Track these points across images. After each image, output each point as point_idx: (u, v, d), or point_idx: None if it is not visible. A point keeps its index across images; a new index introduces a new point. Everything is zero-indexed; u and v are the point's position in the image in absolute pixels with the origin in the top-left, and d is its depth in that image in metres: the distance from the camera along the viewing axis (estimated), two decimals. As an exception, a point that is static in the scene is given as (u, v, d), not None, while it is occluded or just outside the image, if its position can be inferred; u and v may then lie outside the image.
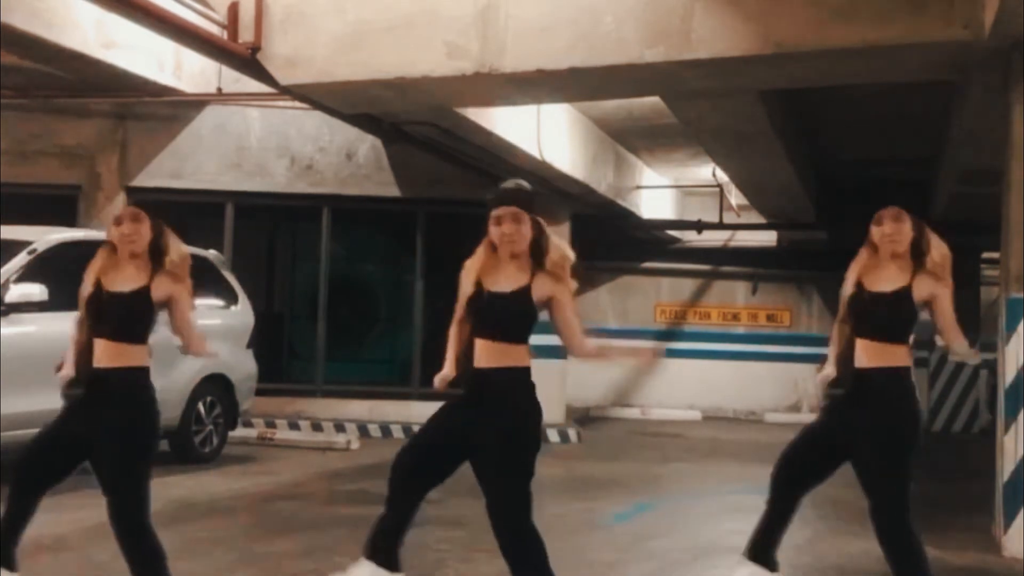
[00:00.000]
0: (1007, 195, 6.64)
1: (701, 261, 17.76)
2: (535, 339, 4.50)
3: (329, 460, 10.24)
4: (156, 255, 4.53)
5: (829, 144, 13.21)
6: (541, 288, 4.19)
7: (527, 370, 4.20)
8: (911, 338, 4.65)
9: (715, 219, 15.81)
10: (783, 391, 17.33)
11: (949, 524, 7.33)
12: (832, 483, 5.04)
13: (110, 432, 4.26)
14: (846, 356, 4.65)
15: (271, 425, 11.99)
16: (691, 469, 10.80)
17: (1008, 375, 6.48)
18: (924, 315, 4.71)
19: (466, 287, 4.32)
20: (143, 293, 4.40)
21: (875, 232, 4.74)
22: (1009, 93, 6.59)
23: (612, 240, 16.49)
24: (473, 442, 4.15)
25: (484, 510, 4.22)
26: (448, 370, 4.30)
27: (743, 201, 15.51)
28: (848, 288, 4.71)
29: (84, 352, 4.38)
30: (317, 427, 12.24)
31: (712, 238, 17.30)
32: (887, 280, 4.64)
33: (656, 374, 17.67)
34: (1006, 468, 6.44)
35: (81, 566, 5.52)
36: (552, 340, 4.45)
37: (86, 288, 4.51)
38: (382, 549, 4.31)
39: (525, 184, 4.43)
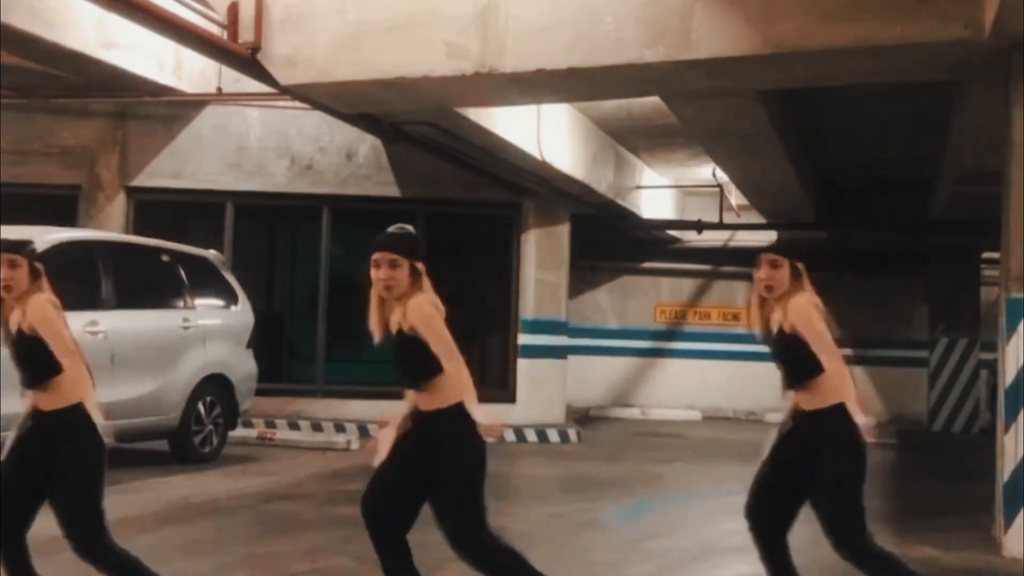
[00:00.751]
0: (1007, 195, 6.64)
1: (701, 261, 17.76)
2: (537, 338, 4.51)
3: (329, 460, 10.24)
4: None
5: (829, 144, 13.20)
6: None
7: None
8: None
9: (715, 219, 15.80)
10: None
11: (949, 524, 7.34)
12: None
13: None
14: None
15: (271, 425, 11.98)
16: (691, 469, 10.79)
17: (1008, 375, 6.48)
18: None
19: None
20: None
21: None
22: (1009, 93, 6.59)
23: (612, 240, 16.49)
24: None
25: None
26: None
27: (743, 201, 15.50)
28: None
29: None
30: (317, 427, 12.24)
31: (712, 238, 17.29)
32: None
33: (656, 374, 17.68)
34: (1006, 468, 6.43)
35: (80, 566, 5.51)
36: (552, 340, 4.45)
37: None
38: None
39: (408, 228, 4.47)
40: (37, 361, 4.29)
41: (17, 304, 4.40)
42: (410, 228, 4.46)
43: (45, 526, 4.94)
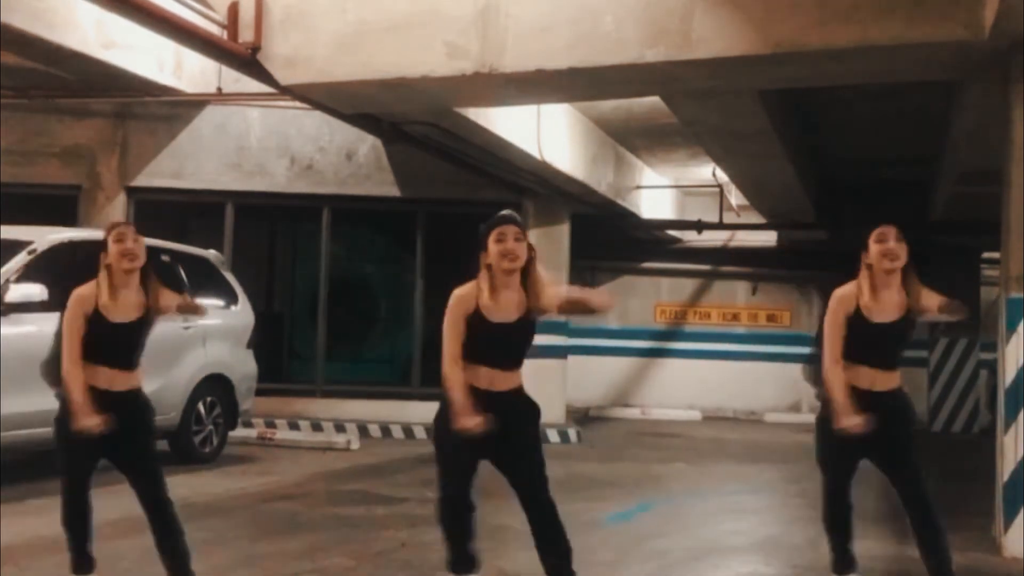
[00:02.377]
0: (1007, 195, 6.64)
1: (701, 261, 17.77)
2: (536, 338, 4.53)
3: (329, 460, 10.24)
4: None
5: (829, 144, 13.21)
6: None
7: None
8: None
9: (715, 219, 15.81)
10: (783, 391, 17.32)
11: (949, 524, 7.31)
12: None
13: None
14: None
15: (271, 425, 11.99)
16: (691, 469, 10.79)
17: (1008, 375, 6.48)
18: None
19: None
20: None
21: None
22: (1009, 93, 6.59)
23: (612, 240, 16.49)
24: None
25: (483, 510, 4.23)
26: None
27: (743, 201, 15.51)
28: None
29: None
30: (317, 427, 12.24)
31: (712, 238, 17.30)
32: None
33: (656, 374, 17.68)
34: (1006, 468, 6.44)
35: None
36: (552, 340, 4.48)
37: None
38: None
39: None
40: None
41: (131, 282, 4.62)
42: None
43: (45, 526, 4.95)
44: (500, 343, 4.42)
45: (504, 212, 4.56)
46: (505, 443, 4.42)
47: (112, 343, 4.60)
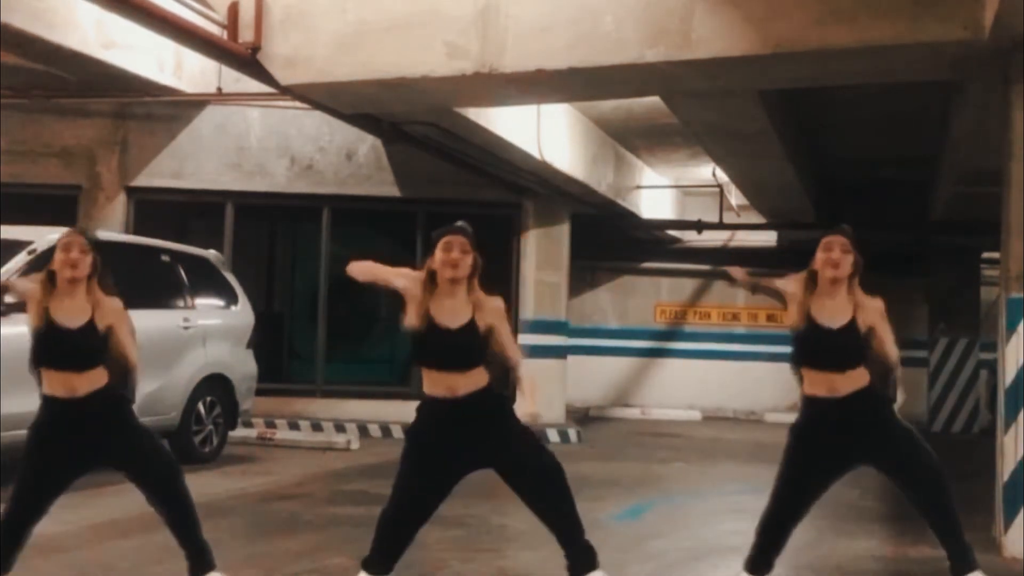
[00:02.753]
0: (1007, 195, 6.64)
1: (701, 261, 17.76)
2: (537, 338, 4.54)
3: (329, 460, 10.24)
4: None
5: (829, 144, 13.20)
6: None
7: None
8: None
9: (715, 219, 15.80)
10: (783, 391, 17.28)
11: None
12: (833, 484, 5.04)
13: None
14: None
15: (271, 425, 11.99)
16: (691, 469, 10.79)
17: (1008, 375, 6.48)
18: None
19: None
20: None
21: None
22: (1009, 93, 6.58)
23: (612, 240, 16.50)
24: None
25: (483, 510, 4.22)
26: None
27: (743, 201, 15.51)
28: None
29: None
30: (317, 427, 12.24)
31: (712, 238, 17.29)
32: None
33: (656, 374, 17.68)
34: (1006, 468, 6.43)
35: (81, 566, 5.51)
36: (552, 340, 4.49)
37: None
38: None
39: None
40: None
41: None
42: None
43: (45, 526, 4.95)
44: (450, 347, 4.49)
45: (457, 223, 4.70)
46: (484, 446, 4.51)
47: (60, 346, 4.63)
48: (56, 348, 4.57)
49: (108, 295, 4.70)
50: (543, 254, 13.21)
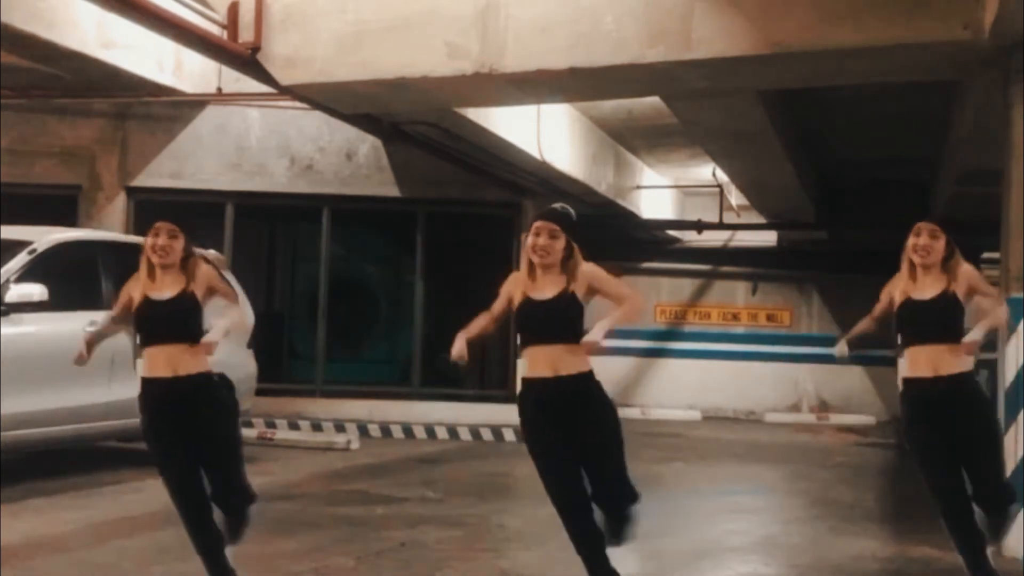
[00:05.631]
0: (1007, 195, 6.64)
1: (701, 261, 17.77)
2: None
3: (329, 460, 10.23)
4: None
5: (829, 144, 13.21)
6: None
7: None
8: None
9: (715, 219, 15.81)
10: (783, 391, 17.33)
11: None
12: (833, 483, 5.05)
13: None
14: None
15: (271, 425, 11.98)
16: (691, 469, 10.80)
17: (1008, 375, 6.48)
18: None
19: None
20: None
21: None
22: (1009, 93, 6.58)
23: (612, 240, 16.48)
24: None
25: (484, 510, 4.22)
26: None
27: (743, 201, 15.51)
28: None
29: None
30: (317, 427, 12.24)
31: (712, 238, 17.30)
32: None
33: (656, 374, 17.68)
34: (1006, 468, 6.43)
35: (80, 566, 5.52)
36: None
37: None
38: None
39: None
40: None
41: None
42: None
43: (45, 526, 4.95)
44: (542, 318, 4.55)
45: (554, 206, 4.75)
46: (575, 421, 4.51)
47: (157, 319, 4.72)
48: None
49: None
50: (543, 254, 13.19)
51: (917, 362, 4.90)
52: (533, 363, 4.53)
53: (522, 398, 4.62)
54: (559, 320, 4.51)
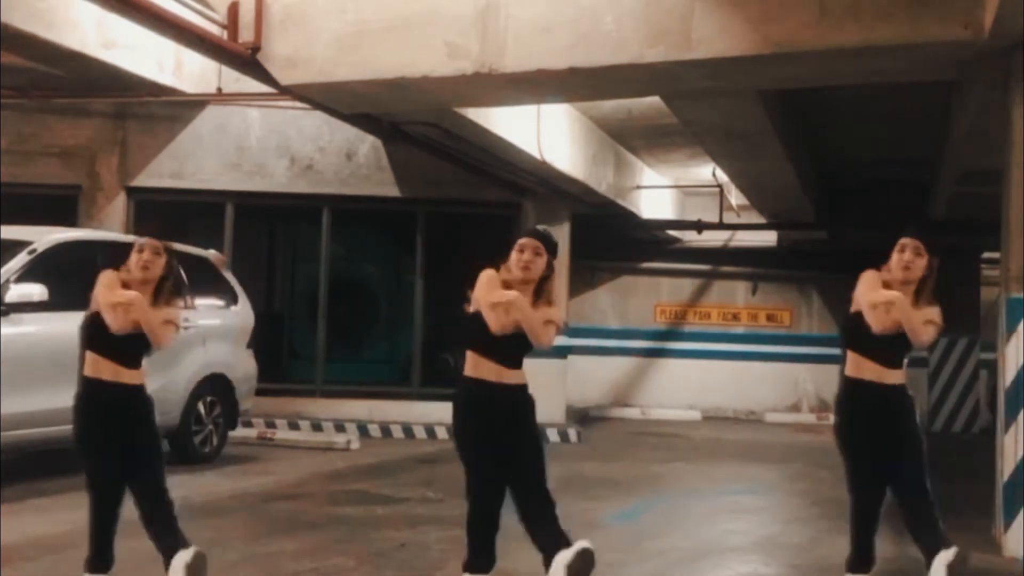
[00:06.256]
0: (1007, 195, 6.64)
1: (701, 261, 17.77)
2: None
3: (329, 460, 10.24)
4: None
5: (829, 144, 13.20)
6: None
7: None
8: None
9: (715, 219, 15.80)
10: (783, 391, 17.33)
11: (949, 524, 7.30)
12: (833, 483, 5.05)
13: None
14: None
15: (271, 425, 11.98)
16: (691, 469, 10.79)
17: (1008, 375, 6.48)
18: None
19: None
20: None
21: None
22: (1009, 93, 6.59)
23: (612, 240, 16.49)
24: None
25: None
26: None
27: (743, 201, 15.51)
28: None
29: None
30: (317, 427, 12.24)
31: (712, 238, 17.30)
32: None
33: (656, 374, 17.68)
34: (1006, 468, 6.44)
35: (80, 566, 5.51)
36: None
37: None
38: None
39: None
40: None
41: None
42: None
43: (44, 526, 4.95)
44: (504, 341, 4.60)
45: (538, 227, 5.00)
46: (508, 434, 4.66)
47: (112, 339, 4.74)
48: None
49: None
50: (542, 254, 13.18)
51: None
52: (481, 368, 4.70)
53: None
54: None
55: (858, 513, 5.02)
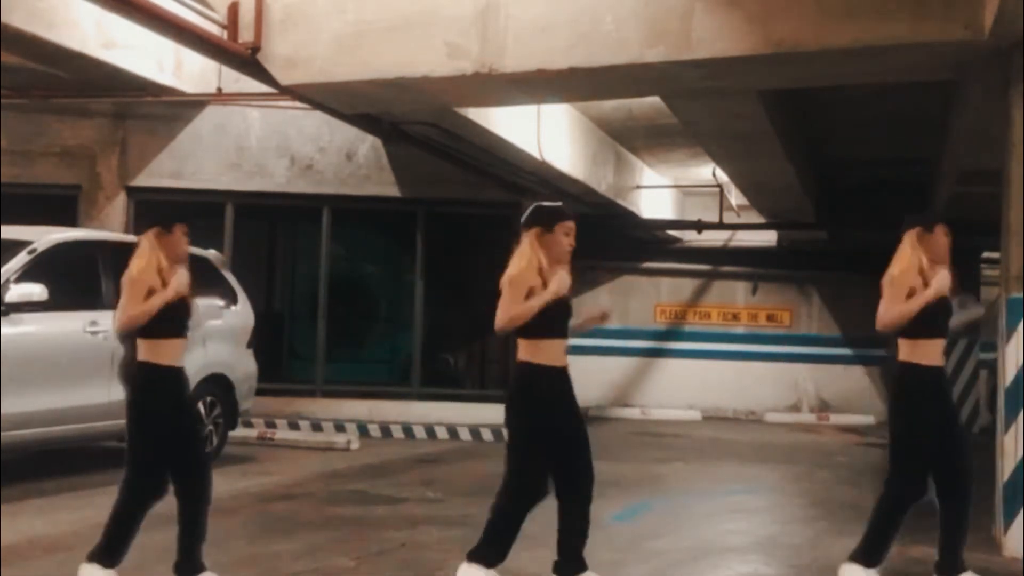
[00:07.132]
0: (1007, 195, 6.64)
1: (701, 261, 17.77)
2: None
3: (329, 460, 10.23)
4: None
5: (829, 144, 13.20)
6: None
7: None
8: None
9: (715, 219, 15.81)
10: (783, 391, 17.33)
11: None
12: (833, 483, 5.06)
13: None
14: None
15: (271, 425, 11.98)
16: (691, 469, 10.79)
17: (1008, 375, 6.48)
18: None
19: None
20: None
21: None
22: (1009, 93, 6.58)
23: (612, 240, 16.49)
24: None
25: (483, 510, 4.22)
26: None
27: (743, 201, 15.51)
28: None
29: None
30: (317, 427, 12.24)
31: (712, 238, 17.30)
32: None
33: (656, 374, 17.68)
34: (1006, 468, 6.44)
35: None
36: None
37: None
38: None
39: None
40: None
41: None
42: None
43: (44, 526, 4.95)
44: (566, 316, 5.01)
45: (563, 207, 5.29)
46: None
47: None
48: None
49: None
50: (543, 254, 13.19)
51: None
52: (559, 354, 5.02)
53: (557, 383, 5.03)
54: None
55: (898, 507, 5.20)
